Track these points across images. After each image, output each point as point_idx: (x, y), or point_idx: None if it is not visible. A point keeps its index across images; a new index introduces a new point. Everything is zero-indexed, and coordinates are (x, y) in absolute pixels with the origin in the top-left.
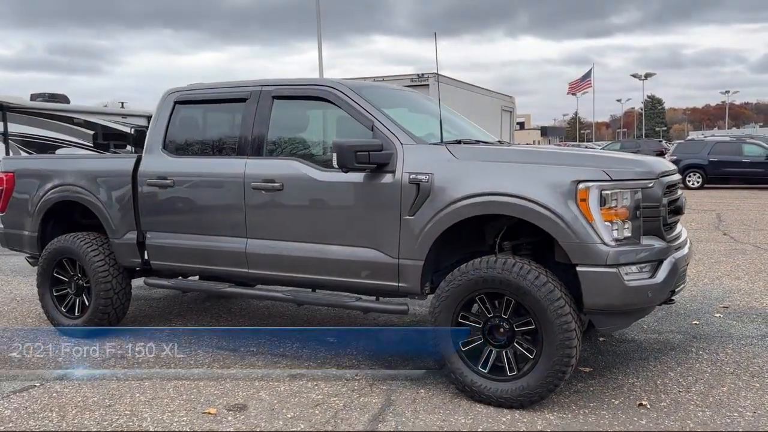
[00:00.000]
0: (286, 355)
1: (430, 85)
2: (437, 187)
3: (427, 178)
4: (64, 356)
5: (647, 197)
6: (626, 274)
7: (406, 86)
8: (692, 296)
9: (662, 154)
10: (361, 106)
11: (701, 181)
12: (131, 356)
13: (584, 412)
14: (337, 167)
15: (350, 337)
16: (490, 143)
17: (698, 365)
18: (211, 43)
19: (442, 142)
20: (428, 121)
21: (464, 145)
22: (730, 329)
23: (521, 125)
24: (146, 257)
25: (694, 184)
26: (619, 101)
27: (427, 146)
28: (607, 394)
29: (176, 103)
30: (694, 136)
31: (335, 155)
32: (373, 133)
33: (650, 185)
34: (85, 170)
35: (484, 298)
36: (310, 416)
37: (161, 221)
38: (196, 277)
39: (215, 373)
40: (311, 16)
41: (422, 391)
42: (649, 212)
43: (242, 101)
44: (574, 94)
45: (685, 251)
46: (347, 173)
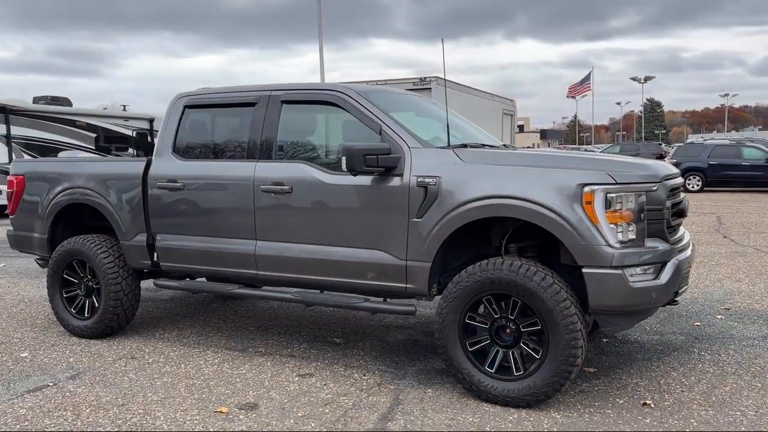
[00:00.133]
0: (294, 355)
1: (432, 88)
2: (445, 190)
3: (434, 181)
4: (75, 357)
5: (651, 200)
6: (631, 275)
7: (408, 90)
8: (694, 298)
9: (662, 157)
10: (369, 110)
11: (701, 184)
12: (141, 356)
13: (589, 411)
14: (346, 170)
15: (357, 337)
16: (495, 147)
17: (701, 366)
18: (210, 45)
19: (449, 145)
20: (434, 124)
21: (471, 148)
22: (731, 330)
23: (520, 128)
24: (156, 259)
25: (693, 187)
26: (618, 104)
27: (434, 150)
28: (611, 393)
29: (186, 107)
30: (693, 139)
31: (344, 158)
32: (381, 137)
33: (654, 188)
34: (95, 173)
35: (491, 299)
36: (320, 415)
37: (171, 223)
38: (202, 278)
39: (225, 372)
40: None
41: (430, 390)
42: (652, 215)
43: (251, 105)
44: (573, 97)
45: (687, 253)
46: (356, 176)
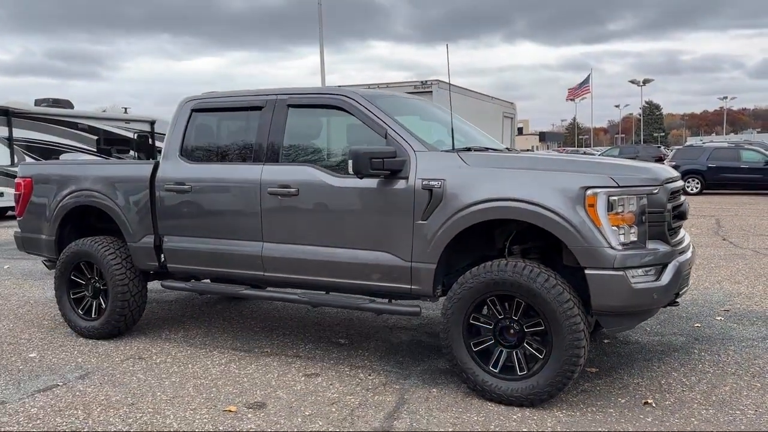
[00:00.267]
0: (299, 355)
1: (433, 92)
2: (449, 192)
3: (439, 184)
4: (83, 357)
5: (652, 203)
6: (633, 276)
7: (409, 93)
8: (693, 300)
9: (661, 159)
10: (375, 114)
11: (700, 186)
12: (148, 357)
13: (592, 410)
14: (352, 173)
15: (361, 338)
16: (499, 150)
17: (701, 366)
18: (209, 48)
19: (453, 149)
20: (438, 128)
21: (475, 152)
22: (731, 331)
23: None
24: (162, 260)
25: (692, 189)
26: (617, 107)
27: (439, 153)
28: (613, 393)
29: (193, 111)
30: (692, 141)
31: (351, 162)
32: (386, 140)
33: (655, 191)
34: (103, 176)
35: (495, 300)
36: (327, 414)
37: (178, 225)
38: (206, 279)
39: (232, 372)
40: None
41: (434, 390)
42: (654, 217)
43: (258, 109)
44: (573, 100)
45: (688, 255)
46: (362, 179)
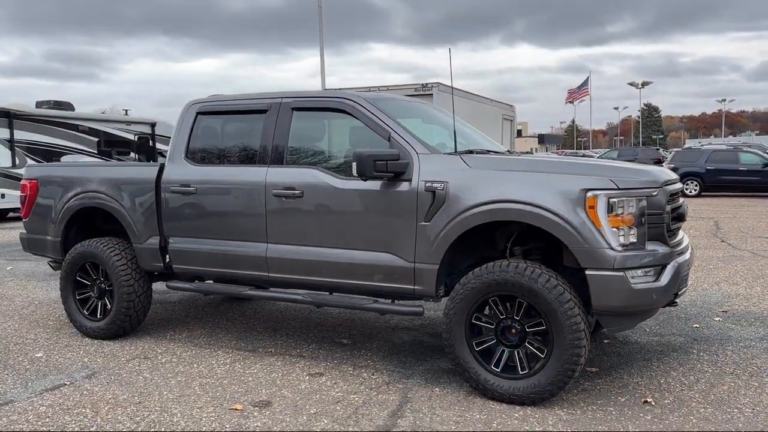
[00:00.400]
0: (303, 355)
1: (434, 94)
2: (452, 194)
3: (442, 186)
4: (89, 357)
5: (652, 205)
6: (632, 277)
7: (410, 96)
8: (692, 301)
9: (660, 162)
10: (378, 117)
11: (698, 189)
12: (154, 357)
13: (592, 408)
14: (355, 175)
15: (364, 338)
16: (500, 153)
17: (699, 365)
18: (208, 50)
19: (456, 151)
20: (440, 131)
21: (477, 154)
22: (729, 332)
23: (519, 133)
24: (168, 261)
25: (691, 192)
26: (616, 109)
27: (441, 156)
28: (613, 392)
29: (198, 113)
30: (691, 144)
31: (355, 164)
32: (390, 143)
33: (654, 193)
34: (109, 178)
35: (496, 300)
36: (332, 412)
37: (184, 227)
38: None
39: (237, 372)
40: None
41: (437, 389)
42: (653, 219)
43: (263, 112)
44: (572, 102)
45: (686, 256)
46: (366, 181)
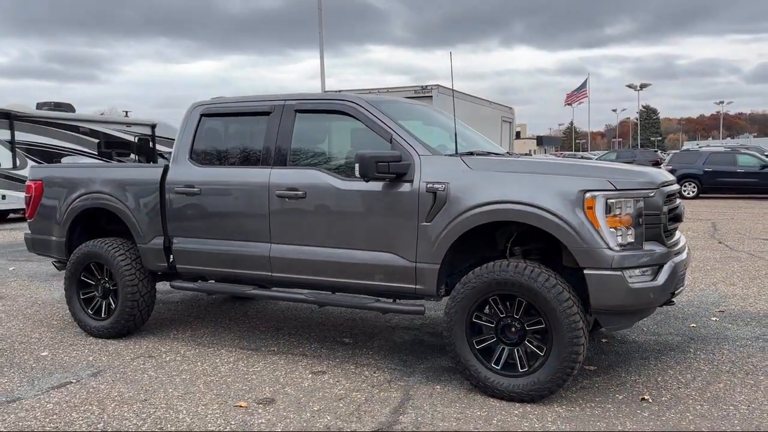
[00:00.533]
0: (306, 354)
1: (433, 96)
2: (453, 195)
3: (443, 187)
4: (94, 355)
5: (649, 206)
6: (630, 276)
7: (409, 98)
8: (689, 301)
9: (658, 164)
10: (380, 119)
11: (696, 190)
12: (158, 355)
13: (590, 405)
14: (358, 177)
15: (365, 337)
16: (500, 154)
17: (696, 364)
18: (207, 51)
19: (456, 153)
20: (441, 133)
21: (477, 156)
22: (725, 331)
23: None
24: (171, 261)
25: (689, 193)
26: (614, 111)
27: (442, 157)
28: (611, 390)
29: (202, 115)
30: (689, 146)
31: (357, 165)
32: (391, 144)
33: (652, 194)
34: (114, 179)
35: (497, 299)
36: (335, 409)
37: (188, 227)
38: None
39: (241, 370)
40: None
41: (438, 387)
42: (650, 219)
43: (266, 114)
44: (570, 104)
45: (683, 256)
46: (368, 182)
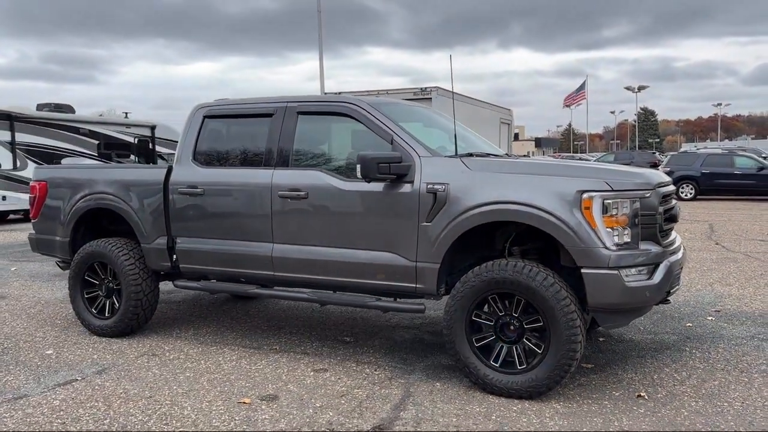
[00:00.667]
0: (307, 352)
1: (433, 98)
2: (453, 196)
3: (443, 187)
4: (98, 354)
5: (645, 206)
6: (626, 275)
7: (408, 100)
8: (686, 301)
9: (656, 165)
10: (381, 121)
11: (694, 192)
12: (162, 354)
13: (588, 402)
14: (359, 177)
15: (366, 336)
16: (499, 156)
17: (692, 362)
18: (205, 53)
19: (456, 154)
20: (441, 134)
21: (476, 157)
22: (721, 331)
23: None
24: (175, 261)
25: (687, 195)
26: (612, 113)
27: (442, 158)
28: (608, 387)
29: (205, 117)
30: (686, 148)
31: (359, 166)
32: (392, 146)
33: (648, 195)
34: (118, 179)
35: (496, 297)
36: (337, 405)
37: (191, 227)
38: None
39: (244, 368)
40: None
41: (438, 384)
42: (646, 220)
43: (269, 116)
44: (569, 106)
45: (679, 256)
46: (369, 183)
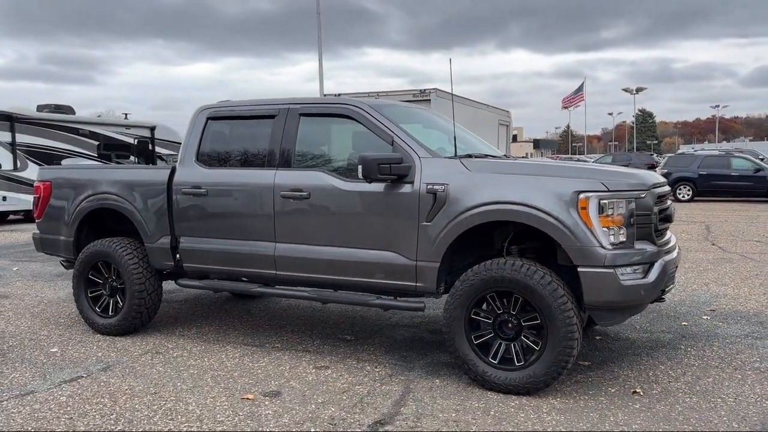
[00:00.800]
0: (309, 350)
1: (431, 100)
2: (452, 196)
3: (443, 188)
4: (103, 351)
5: (640, 206)
6: (622, 274)
7: (408, 101)
8: (681, 300)
9: (653, 167)
10: (381, 122)
11: (691, 193)
12: (165, 351)
13: (584, 398)
14: (360, 178)
15: (366, 335)
16: (498, 157)
17: (686, 360)
18: (204, 54)
19: (456, 155)
20: (440, 136)
21: (475, 158)
22: (716, 329)
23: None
24: (178, 260)
25: (684, 196)
26: (610, 114)
27: (442, 159)
28: (604, 383)
29: (209, 118)
30: (684, 149)
31: (360, 167)
32: (393, 147)
33: (643, 195)
34: (122, 180)
35: (494, 296)
36: (338, 401)
37: (194, 227)
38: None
39: (246, 365)
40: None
41: (437, 381)
42: (641, 219)
43: (271, 118)
44: (567, 108)
45: (674, 255)
46: (370, 183)
